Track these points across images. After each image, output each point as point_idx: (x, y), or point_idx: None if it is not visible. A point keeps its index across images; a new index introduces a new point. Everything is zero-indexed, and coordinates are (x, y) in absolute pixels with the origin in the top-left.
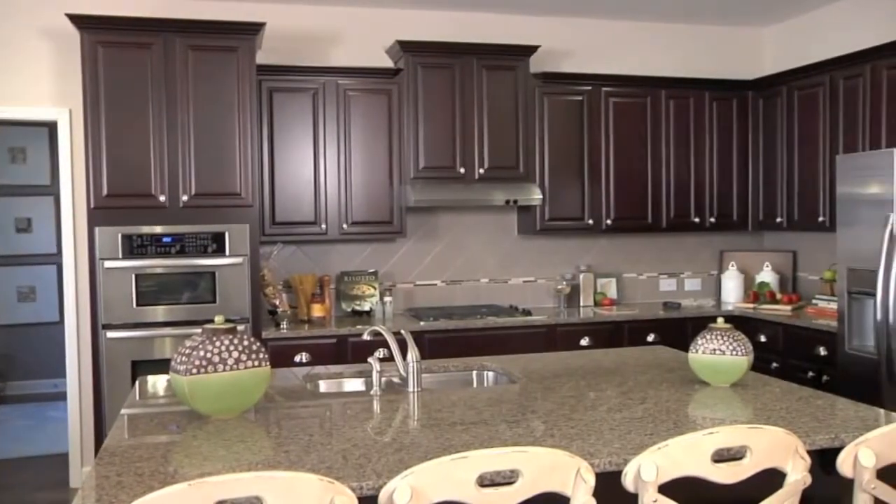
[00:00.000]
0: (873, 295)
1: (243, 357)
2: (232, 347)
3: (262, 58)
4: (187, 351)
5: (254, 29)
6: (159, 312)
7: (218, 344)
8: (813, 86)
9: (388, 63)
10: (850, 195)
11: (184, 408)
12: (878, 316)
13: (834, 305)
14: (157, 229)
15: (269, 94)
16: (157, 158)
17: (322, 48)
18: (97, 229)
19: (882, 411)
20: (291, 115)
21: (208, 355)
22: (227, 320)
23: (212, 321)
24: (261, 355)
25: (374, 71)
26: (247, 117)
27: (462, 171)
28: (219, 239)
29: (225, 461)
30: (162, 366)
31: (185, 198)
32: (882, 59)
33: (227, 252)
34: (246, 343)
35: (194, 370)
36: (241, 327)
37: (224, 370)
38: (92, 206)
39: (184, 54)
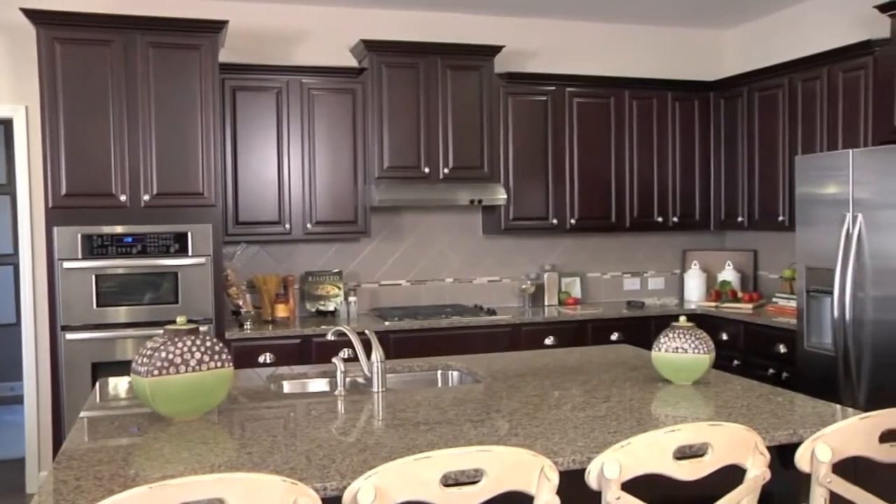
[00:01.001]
0: (831, 293)
1: (206, 358)
2: (194, 348)
3: (225, 56)
4: (149, 352)
5: (216, 27)
6: (120, 313)
7: (180, 345)
8: (772, 87)
9: (352, 62)
10: (808, 195)
11: (145, 410)
12: (836, 314)
13: (793, 304)
14: (118, 229)
15: (232, 92)
16: (118, 157)
17: (286, 47)
18: (56, 229)
19: (838, 407)
20: (255, 114)
21: (170, 356)
22: (190, 321)
23: (174, 322)
24: (224, 356)
25: (339, 70)
26: (209, 116)
27: (426, 170)
28: (181, 239)
29: (187, 463)
30: (123, 367)
31: (146, 197)
32: (838, 63)
33: (190, 252)
34: (208, 344)
35: (156, 371)
36: (203, 328)
37: (186, 371)
38: (50, 205)
39: (144, 52)
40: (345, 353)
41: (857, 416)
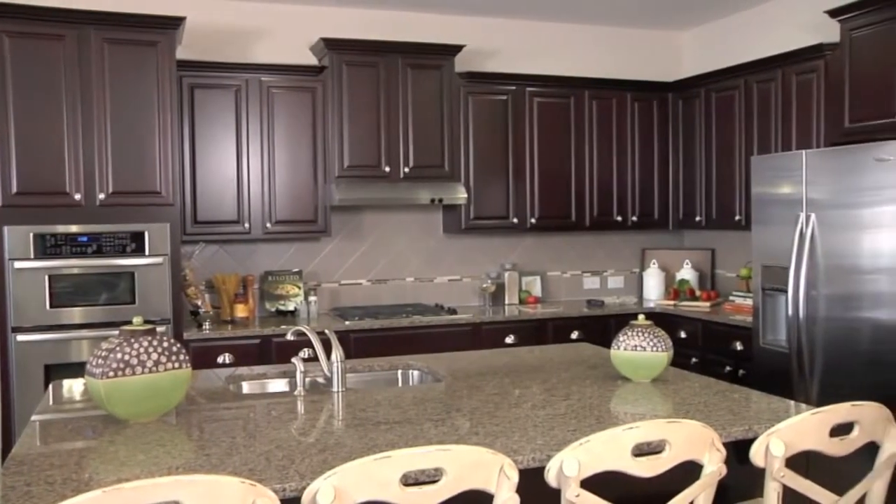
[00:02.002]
0: (785, 291)
1: (163, 359)
2: (151, 349)
3: (182, 53)
4: (104, 353)
5: (174, 23)
6: (75, 314)
7: (136, 346)
8: (729, 89)
9: (312, 60)
10: (763, 195)
11: (100, 412)
12: (790, 311)
13: (749, 302)
14: (73, 228)
15: (190, 90)
16: (72, 155)
17: (245, 44)
18: (6, 228)
19: (792, 403)
20: (213, 112)
21: (126, 357)
22: (147, 321)
23: (130, 323)
24: (181, 357)
25: (298, 68)
26: (167, 114)
27: (387, 169)
28: (138, 238)
29: (143, 466)
30: (78, 369)
31: (101, 196)
32: (791, 66)
33: (147, 252)
34: (165, 344)
35: (111, 373)
36: (161, 328)
37: (142, 373)
38: (0, 204)
39: (99, 47)
40: (305, 353)
41: (809, 412)
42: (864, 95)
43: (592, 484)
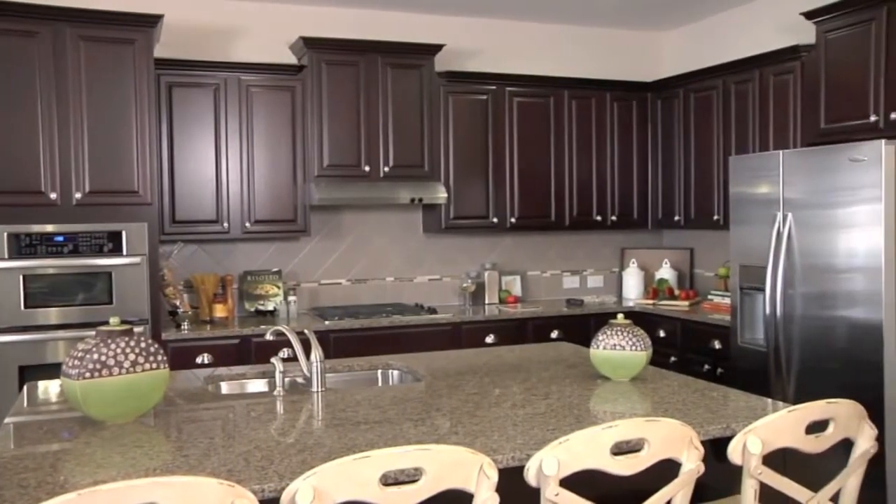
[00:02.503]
0: (763, 290)
1: (140, 360)
2: (128, 350)
3: (160, 51)
4: (80, 354)
5: (151, 21)
6: (51, 315)
7: (113, 346)
8: (707, 89)
9: (291, 59)
10: (741, 195)
11: (77, 414)
12: (767, 310)
13: (728, 301)
14: (49, 228)
15: (168, 88)
16: (48, 154)
17: (224, 43)
18: None
19: (769, 401)
20: (192, 110)
21: (102, 358)
22: (125, 322)
23: (107, 323)
24: (159, 357)
25: (278, 67)
26: (144, 112)
27: (367, 169)
28: (115, 238)
29: (120, 468)
30: (53, 371)
31: (78, 195)
32: (768, 67)
33: (125, 251)
34: (143, 345)
35: (87, 374)
36: (138, 329)
37: (120, 373)
38: None
39: (75, 45)
40: (284, 353)
41: (786, 410)
42: (840, 96)
43: (572, 483)
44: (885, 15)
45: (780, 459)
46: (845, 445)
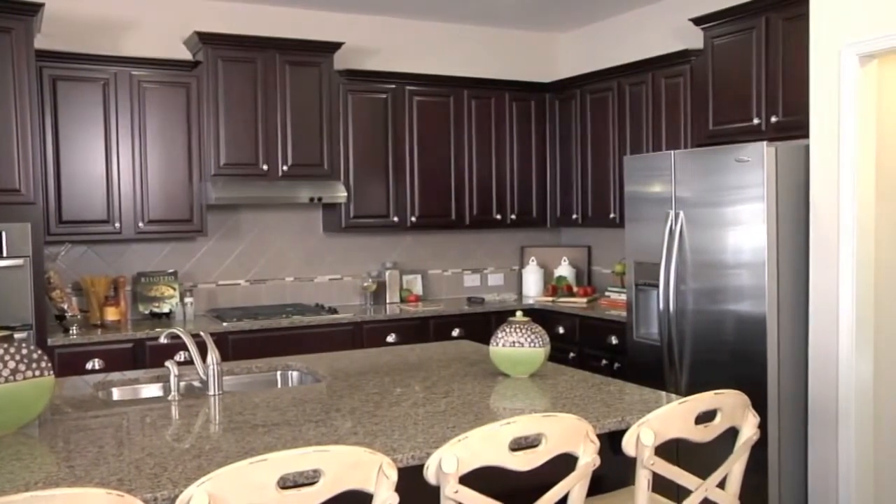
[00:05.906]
0: (657, 286)
1: (21, 367)
2: (7, 357)
3: (42, 43)
4: None
5: (31, 9)
6: None
7: None
8: (603, 90)
9: (186, 55)
10: (636, 193)
11: None
12: (661, 306)
13: (624, 297)
14: None
15: (51, 82)
16: None
17: (113, 36)
18: None
19: (663, 394)
20: (79, 106)
21: None
22: (6, 328)
23: None
24: (42, 364)
25: (171, 63)
26: (25, 107)
27: (265, 168)
28: None
29: None
30: None
31: None
32: (660, 70)
33: (5, 253)
34: (25, 352)
35: None
36: (21, 335)
37: None
38: None
39: None
40: (180, 356)
41: (677, 402)
42: (726, 99)
43: (471, 480)
44: (763, 24)
45: (673, 450)
46: (732, 433)
